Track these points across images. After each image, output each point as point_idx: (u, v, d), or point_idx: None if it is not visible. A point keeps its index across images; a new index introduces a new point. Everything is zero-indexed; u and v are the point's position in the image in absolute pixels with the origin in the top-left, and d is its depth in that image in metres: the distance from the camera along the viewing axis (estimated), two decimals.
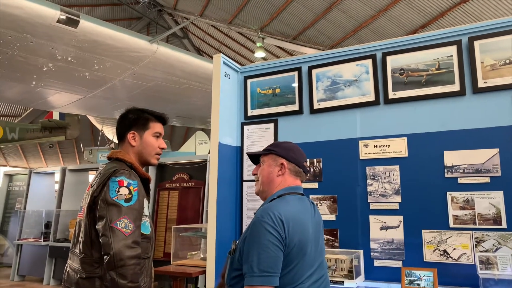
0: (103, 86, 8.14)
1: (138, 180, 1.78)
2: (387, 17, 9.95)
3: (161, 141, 1.97)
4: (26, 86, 7.89)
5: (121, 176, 1.71)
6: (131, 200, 1.67)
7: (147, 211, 1.82)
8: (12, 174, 8.65)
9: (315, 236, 1.61)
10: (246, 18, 12.84)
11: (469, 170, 2.32)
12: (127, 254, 1.56)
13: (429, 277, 2.16)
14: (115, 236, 1.58)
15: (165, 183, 6.37)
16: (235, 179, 2.91)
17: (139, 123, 1.91)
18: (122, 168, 1.76)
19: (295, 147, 1.77)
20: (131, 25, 17.05)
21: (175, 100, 8.93)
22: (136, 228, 1.65)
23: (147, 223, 1.79)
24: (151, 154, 1.92)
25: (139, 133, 1.90)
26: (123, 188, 1.68)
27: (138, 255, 1.61)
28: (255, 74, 3.03)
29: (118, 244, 1.56)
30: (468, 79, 2.39)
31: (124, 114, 1.96)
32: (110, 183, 1.70)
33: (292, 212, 1.52)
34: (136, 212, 1.68)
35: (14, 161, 23.25)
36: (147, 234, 1.78)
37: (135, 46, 6.77)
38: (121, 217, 1.62)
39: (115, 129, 2.09)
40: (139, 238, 1.67)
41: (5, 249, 8.06)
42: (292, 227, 1.47)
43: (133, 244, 1.60)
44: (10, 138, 12.32)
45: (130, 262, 1.56)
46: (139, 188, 1.74)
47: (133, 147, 1.89)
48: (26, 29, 5.78)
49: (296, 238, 1.47)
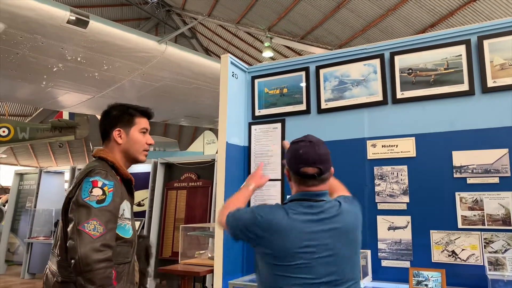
0: (112, 86, 8.20)
1: (115, 181, 1.67)
2: (395, 16, 9.89)
3: (148, 136, 1.87)
4: (37, 86, 7.98)
5: (95, 176, 1.62)
6: (104, 202, 1.57)
7: (129, 213, 1.72)
8: (22, 173, 8.75)
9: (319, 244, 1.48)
10: (254, 18, 12.85)
11: (478, 171, 2.30)
12: (93, 258, 1.45)
13: (437, 277, 2.15)
14: (82, 240, 1.47)
15: (173, 183, 6.41)
16: (242, 178, 2.91)
17: (124, 120, 1.81)
18: (98, 168, 1.66)
19: (297, 151, 1.60)
20: (139, 25, 17.14)
21: (183, 100, 8.96)
22: (107, 230, 1.53)
23: (127, 226, 1.70)
24: (139, 151, 1.82)
25: (125, 130, 1.80)
26: (96, 189, 1.58)
27: (107, 258, 1.50)
28: (262, 74, 3.03)
29: (85, 247, 1.46)
30: (477, 79, 2.37)
31: (107, 110, 1.85)
32: (83, 184, 1.61)
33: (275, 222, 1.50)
34: (109, 214, 1.57)
35: (25, 160, 23.53)
36: (127, 238, 1.68)
37: (144, 46, 6.81)
38: (90, 219, 1.51)
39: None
40: (112, 241, 1.56)
41: (16, 247, 8.16)
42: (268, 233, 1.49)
43: (102, 247, 1.49)
44: (21, 138, 12.45)
45: (97, 266, 1.45)
46: (115, 189, 1.63)
47: (119, 145, 1.79)
48: (36, 30, 5.84)
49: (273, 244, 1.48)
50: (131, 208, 1.78)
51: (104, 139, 1.85)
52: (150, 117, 1.91)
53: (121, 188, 1.72)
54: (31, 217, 7.74)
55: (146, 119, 1.89)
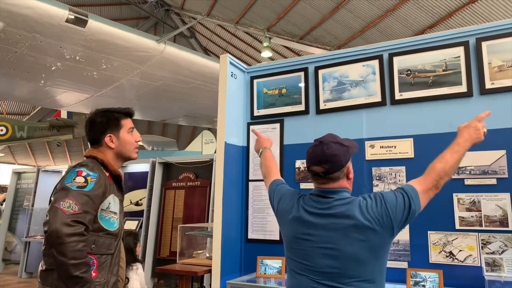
0: (111, 85, 8.20)
1: (101, 174, 1.76)
2: (394, 17, 9.91)
3: (135, 134, 1.97)
4: (35, 85, 7.97)
5: (81, 167, 1.73)
6: (84, 188, 1.66)
7: (115, 207, 1.80)
8: (20, 172, 8.72)
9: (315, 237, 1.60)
10: (253, 18, 12.86)
11: (475, 172, 2.31)
12: (64, 232, 1.52)
13: (435, 278, 2.16)
14: (55, 215, 1.56)
15: (171, 182, 6.40)
16: (241, 178, 2.92)
17: (113, 125, 1.91)
18: (85, 162, 1.78)
19: (308, 150, 1.73)
20: (138, 24, 17.12)
21: (182, 99, 8.97)
22: (82, 212, 1.60)
23: (113, 220, 1.78)
24: (131, 150, 1.94)
25: (115, 134, 1.90)
26: (79, 177, 1.68)
27: (79, 233, 1.56)
28: (261, 74, 3.04)
29: (56, 222, 1.54)
30: (475, 80, 2.38)
31: (92, 118, 1.93)
32: (69, 173, 1.72)
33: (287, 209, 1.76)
34: (87, 198, 1.65)
35: (23, 159, 23.48)
36: (112, 230, 1.76)
37: (143, 45, 6.81)
38: (66, 198, 1.60)
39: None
40: (86, 221, 1.61)
41: (13, 246, 8.13)
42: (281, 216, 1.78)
43: (73, 222, 1.56)
44: (19, 136, 12.41)
45: (68, 240, 1.52)
46: (98, 181, 1.72)
47: (112, 149, 1.89)
48: (35, 29, 5.84)
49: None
50: (120, 203, 1.85)
51: (95, 145, 1.91)
52: (132, 116, 2.00)
53: (110, 183, 1.80)
54: (29, 216, 7.73)
55: (129, 119, 1.98)
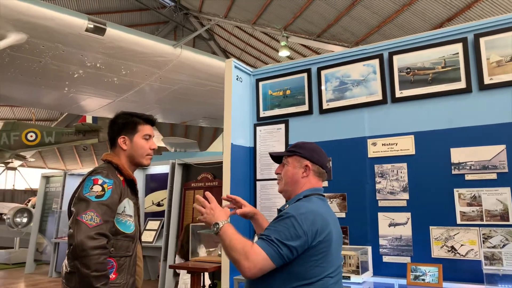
0: (131, 90, 8.44)
1: (115, 180, 1.83)
2: (411, 11, 9.78)
3: (151, 142, 2.03)
4: (60, 92, 8.31)
5: (97, 175, 1.80)
6: (102, 197, 1.73)
7: (130, 210, 1.87)
8: (48, 176, 9.11)
9: (338, 239, 1.66)
10: (270, 18, 12.93)
11: (476, 167, 2.33)
12: (89, 245, 1.60)
13: (434, 272, 2.20)
14: (79, 228, 1.63)
15: (191, 183, 6.56)
16: (248, 178, 3.02)
17: (129, 128, 1.98)
18: (100, 169, 1.85)
19: (319, 149, 1.80)
20: (158, 29, 17.48)
21: (200, 101, 9.13)
22: (103, 222, 1.68)
23: (129, 222, 1.85)
24: (143, 156, 1.99)
25: (129, 137, 1.97)
26: (96, 186, 1.75)
27: (101, 246, 1.65)
28: (266, 77, 3.13)
29: (81, 235, 1.61)
30: (474, 76, 2.40)
31: (114, 119, 2.02)
32: (86, 182, 1.79)
33: (320, 213, 1.59)
34: (106, 208, 1.72)
35: (53, 164, 24.33)
36: (129, 233, 1.84)
37: (160, 50, 7.00)
38: (87, 211, 1.67)
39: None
40: (107, 232, 1.70)
41: (44, 247, 8.51)
42: (321, 223, 1.54)
43: (96, 235, 1.64)
44: (47, 142, 12.95)
45: (92, 253, 1.60)
46: (114, 187, 1.79)
47: (124, 151, 1.96)
48: (57, 39, 6.11)
49: (322, 236, 1.53)
50: (134, 206, 1.94)
51: (112, 146, 2.02)
52: (153, 124, 2.08)
53: (124, 188, 1.88)
54: (57, 218, 8.07)
55: (150, 126, 2.05)
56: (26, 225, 10.06)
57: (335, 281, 1.59)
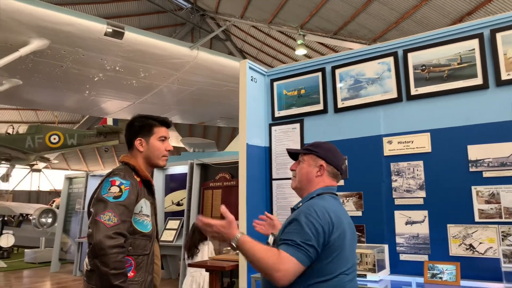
0: (150, 92, 8.60)
1: (132, 181, 1.88)
2: (430, 6, 9.63)
3: (167, 143, 2.08)
4: (81, 95, 8.53)
5: (114, 177, 1.86)
6: (120, 197, 1.79)
7: (147, 210, 1.93)
8: (71, 177, 9.34)
9: (352, 237, 1.67)
10: (286, 17, 12.93)
11: (494, 164, 2.30)
12: (107, 244, 1.66)
13: (452, 270, 2.18)
14: (97, 228, 1.70)
15: (209, 183, 6.63)
16: (264, 177, 3.05)
17: (145, 130, 2.03)
18: (117, 170, 1.91)
19: (335, 149, 1.81)
20: (176, 31, 17.68)
21: (217, 102, 9.22)
22: (121, 222, 1.74)
23: (146, 222, 1.91)
24: (158, 157, 2.04)
25: (145, 139, 2.02)
26: (114, 187, 1.81)
27: (119, 245, 1.70)
28: (281, 77, 3.15)
29: (99, 235, 1.67)
30: (491, 72, 2.37)
31: (130, 122, 2.08)
32: (104, 183, 1.85)
33: (334, 210, 1.60)
34: (123, 208, 1.78)
35: (75, 165, 24.91)
36: (146, 232, 1.90)
37: (177, 53, 7.11)
38: (105, 211, 1.74)
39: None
40: (125, 231, 1.76)
41: (68, 247, 8.74)
42: (336, 220, 1.56)
43: (114, 234, 1.70)
44: (70, 144, 13.29)
45: (110, 251, 1.66)
46: (131, 188, 1.85)
47: (141, 152, 2.02)
48: (77, 43, 6.28)
49: (337, 232, 1.55)
50: (151, 206, 1.99)
51: (129, 147, 2.09)
52: (169, 126, 2.13)
53: (140, 188, 1.93)
54: (81, 219, 8.29)
55: (165, 128, 2.10)
56: (51, 225, 10.37)
57: (350, 279, 1.61)
